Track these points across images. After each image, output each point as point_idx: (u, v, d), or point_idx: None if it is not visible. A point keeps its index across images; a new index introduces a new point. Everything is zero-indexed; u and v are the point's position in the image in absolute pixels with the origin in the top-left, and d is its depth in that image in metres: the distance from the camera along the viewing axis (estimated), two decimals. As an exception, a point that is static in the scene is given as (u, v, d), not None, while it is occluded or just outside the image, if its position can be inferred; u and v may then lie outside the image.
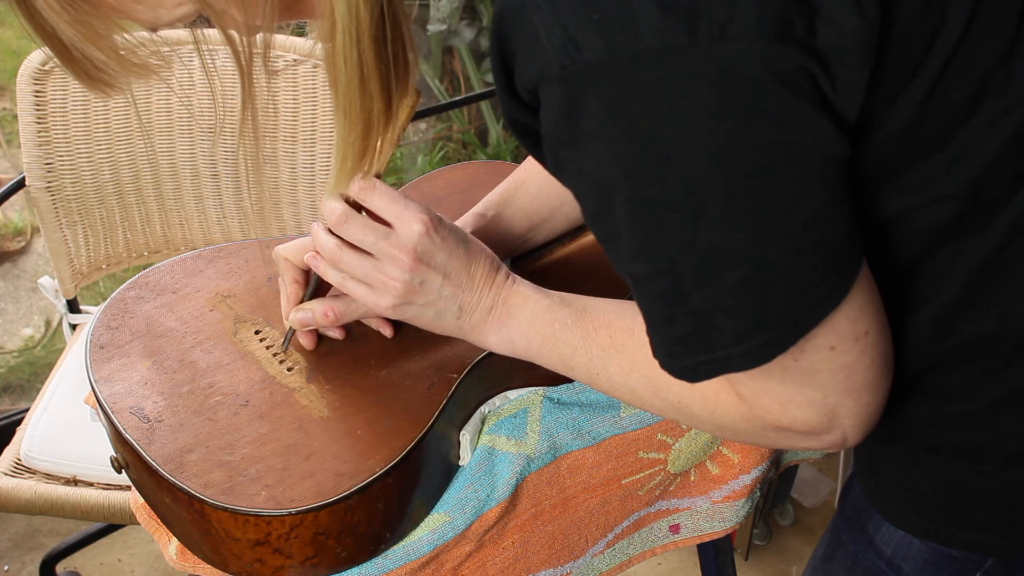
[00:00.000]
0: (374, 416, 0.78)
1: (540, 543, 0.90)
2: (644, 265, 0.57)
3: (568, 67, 0.51)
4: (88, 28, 0.55)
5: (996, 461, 0.65)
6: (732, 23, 0.49)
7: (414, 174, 2.90)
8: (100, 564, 1.83)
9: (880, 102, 0.56)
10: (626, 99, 0.51)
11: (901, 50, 0.54)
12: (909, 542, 0.73)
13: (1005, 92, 0.57)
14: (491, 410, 0.87)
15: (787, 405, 0.62)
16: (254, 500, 0.71)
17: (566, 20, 0.50)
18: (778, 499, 1.90)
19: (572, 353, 0.76)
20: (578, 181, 0.58)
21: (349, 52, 0.58)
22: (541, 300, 0.78)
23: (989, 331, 0.63)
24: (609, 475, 0.91)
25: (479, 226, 0.89)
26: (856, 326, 0.58)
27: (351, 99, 0.60)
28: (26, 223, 2.62)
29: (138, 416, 0.77)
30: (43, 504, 1.34)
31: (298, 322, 0.82)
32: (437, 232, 0.75)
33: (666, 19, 0.49)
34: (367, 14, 0.56)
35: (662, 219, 0.54)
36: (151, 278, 0.92)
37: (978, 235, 0.61)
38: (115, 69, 0.57)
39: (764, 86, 0.50)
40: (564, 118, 0.54)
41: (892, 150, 0.58)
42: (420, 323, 0.79)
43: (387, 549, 0.79)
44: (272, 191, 1.61)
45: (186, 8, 0.56)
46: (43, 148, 1.49)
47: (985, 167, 0.58)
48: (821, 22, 0.50)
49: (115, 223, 1.60)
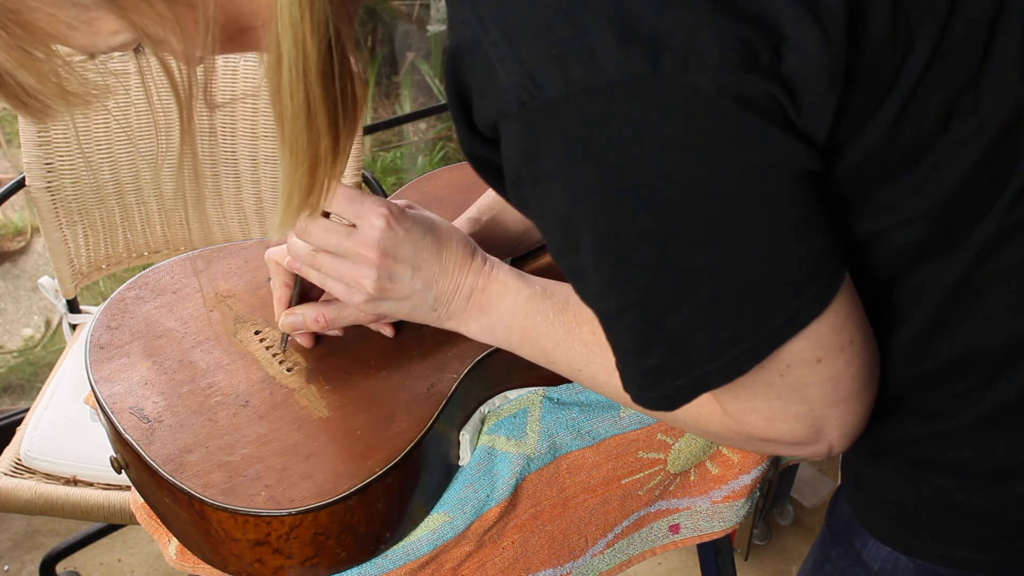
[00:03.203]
0: (374, 416, 0.78)
1: (540, 543, 0.90)
2: (614, 300, 0.56)
3: (527, 103, 0.50)
4: (21, 53, 0.53)
5: (981, 478, 0.65)
6: (695, 53, 0.48)
7: (414, 174, 2.90)
8: (100, 564, 1.83)
9: (849, 127, 0.55)
10: (588, 133, 0.50)
11: (870, 76, 0.54)
12: (896, 558, 0.72)
13: (974, 112, 0.56)
14: (491, 410, 0.87)
15: (774, 421, 0.61)
16: (254, 500, 0.71)
17: (523, 55, 0.49)
18: (778, 499, 1.90)
19: (554, 347, 0.75)
20: (542, 217, 0.57)
21: (295, 87, 0.56)
22: (522, 289, 0.77)
23: (968, 349, 0.62)
24: (609, 475, 0.91)
25: (474, 230, 0.89)
26: (841, 336, 0.57)
27: (297, 135, 0.59)
28: (26, 223, 2.62)
29: (138, 416, 0.77)
30: (43, 504, 1.34)
31: (289, 326, 0.82)
32: (400, 224, 0.75)
33: (626, 52, 0.48)
34: (314, 49, 0.55)
35: (631, 250, 0.53)
36: (151, 278, 0.92)
37: (952, 254, 0.60)
38: (49, 96, 0.55)
39: (729, 112, 0.49)
40: (525, 154, 0.53)
41: (862, 172, 0.58)
42: (399, 316, 0.79)
43: (387, 549, 0.79)
44: (272, 192, 1.61)
45: (124, 36, 0.55)
46: (43, 148, 1.49)
47: (956, 187, 0.58)
48: (787, 48, 0.50)
49: (115, 223, 1.60)
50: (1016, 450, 0.63)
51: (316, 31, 0.54)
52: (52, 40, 0.54)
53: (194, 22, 0.55)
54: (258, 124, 1.57)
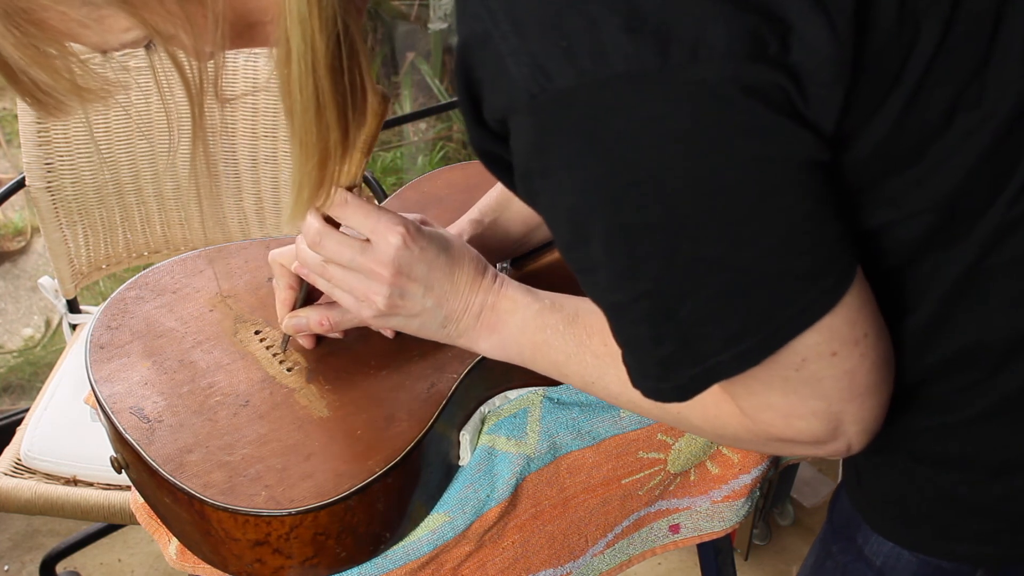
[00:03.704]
0: (374, 416, 0.78)
1: (540, 543, 0.90)
2: (624, 292, 0.56)
3: (538, 95, 0.50)
4: (34, 51, 0.54)
5: (984, 471, 0.65)
6: (703, 44, 0.48)
7: (414, 174, 2.90)
8: (100, 564, 1.83)
9: (856, 119, 0.55)
10: (598, 125, 0.50)
11: (876, 68, 0.54)
12: (898, 553, 0.72)
13: (979, 106, 0.56)
14: (491, 410, 0.87)
15: (790, 418, 0.61)
16: (254, 500, 0.71)
17: (534, 48, 0.50)
18: (778, 499, 1.90)
19: (566, 360, 0.75)
20: (552, 211, 0.57)
21: (305, 81, 0.57)
22: (532, 304, 0.77)
23: (974, 341, 0.62)
24: (609, 475, 0.91)
25: (476, 232, 0.89)
26: (855, 329, 0.57)
27: (307, 129, 0.59)
28: (26, 223, 2.62)
29: (138, 416, 0.77)
30: (43, 504, 1.34)
31: (292, 328, 0.82)
32: (416, 243, 0.74)
33: (635, 43, 0.48)
34: (323, 43, 0.55)
35: (641, 241, 0.53)
36: (151, 278, 0.92)
37: (957, 246, 0.60)
38: (63, 93, 0.56)
39: (737, 102, 0.49)
40: (535, 147, 0.53)
41: (868, 165, 0.58)
42: (408, 332, 0.79)
43: (387, 549, 0.79)
44: (273, 192, 1.61)
45: (135, 33, 0.55)
46: (43, 148, 1.49)
47: (960, 180, 0.58)
48: (795, 39, 0.50)
49: (115, 223, 1.60)
50: (1016, 444, 0.64)
51: (324, 25, 0.55)
52: (64, 38, 0.55)
53: (203, 18, 0.55)
54: (258, 124, 1.57)
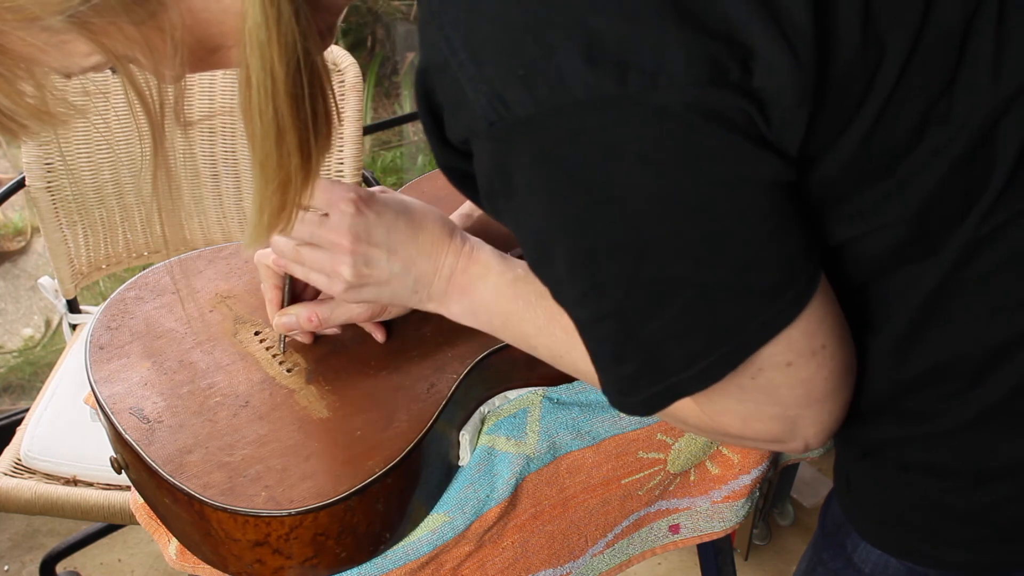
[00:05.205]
0: (374, 417, 0.78)
1: (540, 543, 0.90)
2: (588, 311, 0.57)
3: (496, 123, 0.50)
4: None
5: (968, 479, 0.65)
6: (662, 71, 0.48)
7: (414, 174, 2.90)
8: (100, 564, 1.83)
9: (823, 138, 0.55)
10: (558, 151, 0.50)
11: (842, 89, 0.54)
12: (886, 561, 0.72)
13: (947, 122, 0.56)
14: (491, 410, 0.87)
15: (748, 421, 0.62)
16: (254, 501, 0.71)
17: (491, 76, 0.50)
18: (778, 499, 1.90)
19: (536, 333, 0.75)
20: (517, 231, 0.58)
21: (264, 107, 0.56)
22: (505, 272, 0.77)
23: (952, 352, 0.62)
24: (609, 475, 0.91)
25: (465, 226, 0.89)
26: (813, 340, 0.57)
27: (267, 153, 0.59)
28: (26, 223, 2.62)
29: (138, 417, 0.77)
30: (43, 504, 1.34)
31: (283, 327, 0.82)
32: (370, 208, 0.75)
33: (593, 70, 0.48)
34: (282, 70, 0.55)
35: (604, 264, 0.54)
36: (151, 278, 0.92)
37: (931, 258, 0.60)
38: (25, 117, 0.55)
39: (698, 127, 0.49)
40: (497, 172, 0.53)
41: (836, 181, 0.58)
42: (383, 302, 0.79)
43: (387, 549, 0.79)
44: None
45: (96, 58, 0.54)
46: (43, 148, 1.49)
47: (931, 193, 0.58)
48: (756, 64, 0.50)
49: (115, 223, 1.60)
50: (1001, 452, 0.64)
51: (284, 52, 0.54)
52: (26, 62, 0.54)
53: (163, 43, 0.55)
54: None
